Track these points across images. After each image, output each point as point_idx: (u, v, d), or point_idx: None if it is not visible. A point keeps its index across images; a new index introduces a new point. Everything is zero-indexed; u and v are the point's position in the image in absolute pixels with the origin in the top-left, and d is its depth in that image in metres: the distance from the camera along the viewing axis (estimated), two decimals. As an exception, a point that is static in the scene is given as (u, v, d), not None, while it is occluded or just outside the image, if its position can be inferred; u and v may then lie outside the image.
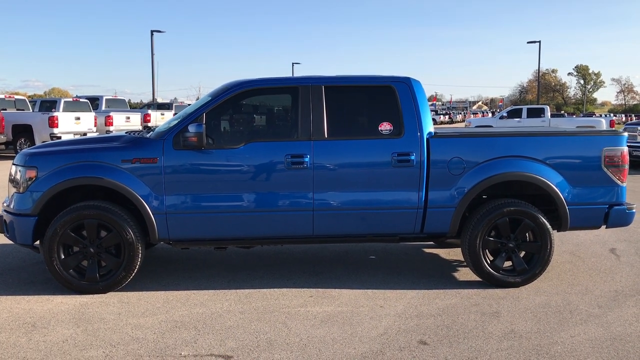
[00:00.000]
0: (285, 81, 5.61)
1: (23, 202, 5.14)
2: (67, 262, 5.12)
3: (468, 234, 5.30)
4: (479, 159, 5.26)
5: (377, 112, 5.38)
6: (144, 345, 4.07)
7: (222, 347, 4.02)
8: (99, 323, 4.48)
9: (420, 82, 5.49)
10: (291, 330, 4.33)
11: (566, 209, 5.29)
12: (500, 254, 5.35)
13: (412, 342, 4.11)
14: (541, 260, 5.31)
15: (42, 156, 5.25)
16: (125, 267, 5.13)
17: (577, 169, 5.35)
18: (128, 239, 5.08)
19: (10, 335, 4.25)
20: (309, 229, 5.26)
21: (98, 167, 5.09)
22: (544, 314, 4.67)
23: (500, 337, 4.20)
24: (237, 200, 5.18)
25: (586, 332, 4.29)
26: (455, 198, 5.25)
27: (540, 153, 5.29)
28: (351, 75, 5.65)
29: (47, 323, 4.48)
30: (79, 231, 5.13)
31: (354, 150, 5.24)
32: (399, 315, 4.64)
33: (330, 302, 4.96)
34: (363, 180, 5.23)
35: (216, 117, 5.31)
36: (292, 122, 5.40)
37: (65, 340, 4.14)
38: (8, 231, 5.29)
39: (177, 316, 4.64)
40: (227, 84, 5.49)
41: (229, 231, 5.24)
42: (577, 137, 5.51)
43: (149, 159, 5.11)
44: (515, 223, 5.31)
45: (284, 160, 5.15)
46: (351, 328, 4.37)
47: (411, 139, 5.24)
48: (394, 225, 5.32)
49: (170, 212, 5.12)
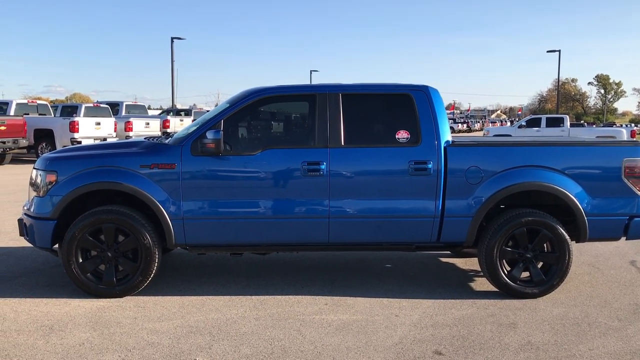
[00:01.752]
0: (303, 89, 5.63)
1: (43, 205, 5.21)
2: (85, 266, 5.17)
3: (485, 243, 5.25)
4: (497, 168, 5.22)
5: (395, 120, 5.37)
6: (159, 350, 4.09)
7: (237, 354, 4.03)
8: (115, 327, 4.52)
9: (438, 90, 5.47)
10: (305, 338, 4.32)
11: (585, 220, 5.23)
12: (517, 264, 5.29)
13: (428, 352, 4.08)
14: (559, 272, 5.24)
15: (62, 161, 5.32)
16: (142, 272, 5.17)
17: (596, 180, 5.29)
18: (145, 243, 5.12)
19: (28, 337, 4.30)
20: (324, 236, 5.25)
21: (117, 172, 5.14)
22: (562, 326, 4.61)
23: (517, 348, 4.15)
24: (254, 206, 5.19)
25: (605, 346, 4.22)
26: (473, 207, 5.22)
27: (559, 163, 5.24)
28: (369, 83, 5.65)
29: (65, 326, 4.53)
30: (97, 235, 5.18)
31: (370, 158, 5.23)
32: (415, 325, 4.61)
33: (346, 310, 4.95)
34: (379, 188, 5.21)
35: (234, 123, 5.34)
36: (309, 129, 5.41)
37: (81, 344, 4.18)
38: (28, 234, 5.36)
39: (193, 321, 4.65)
40: (245, 91, 5.52)
41: (245, 237, 5.26)
42: (596, 148, 5.45)
43: (167, 164, 5.15)
44: (533, 233, 5.25)
45: (301, 167, 5.16)
46: (366, 337, 4.36)
47: (428, 148, 5.22)
48: (410, 234, 5.29)
49: (187, 217, 5.16)
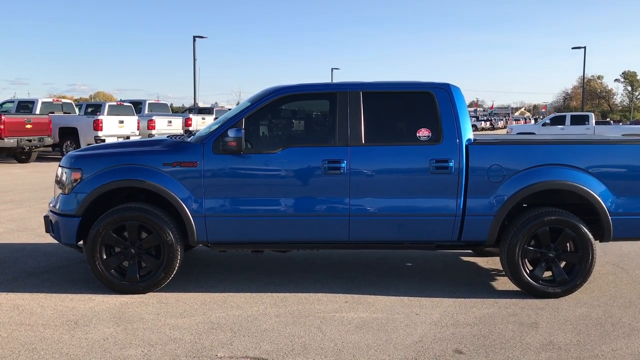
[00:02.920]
0: (324, 87, 5.63)
1: (68, 203, 5.30)
2: (109, 262, 5.25)
3: (507, 242, 5.21)
4: (519, 166, 5.18)
5: (416, 118, 5.35)
6: (182, 345, 4.14)
7: (258, 350, 4.07)
8: (139, 323, 4.59)
9: (459, 88, 5.44)
10: (326, 335, 4.34)
11: (609, 219, 5.16)
12: (539, 263, 5.24)
13: (448, 351, 4.07)
14: (582, 271, 5.18)
15: (87, 159, 5.41)
16: (165, 268, 5.23)
17: (621, 178, 5.21)
18: (168, 240, 5.18)
19: (54, 331, 4.39)
20: (344, 234, 5.26)
21: (140, 170, 5.21)
22: (585, 326, 4.56)
23: (539, 348, 4.12)
24: (274, 204, 5.22)
25: (629, 347, 4.17)
26: (494, 206, 5.18)
27: (582, 161, 5.18)
28: (389, 81, 5.63)
29: (89, 321, 4.61)
30: (121, 232, 5.26)
31: (391, 156, 5.22)
32: (435, 324, 4.60)
33: (366, 308, 4.96)
34: (400, 187, 5.20)
35: (255, 122, 5.38)
36: (329, 127, 5.42)
37: (105, 339, 4.25)
38: (53, 231, 5.46)
39: (214, 318, 4.70)
40: (266, 89, 5.55)
41: (266, 235, 5.29)
42: (621, 146, 5.37)
43: (190, 162, 5.21)
44: (556, 232, 5.20)
45: (321, 165, 5.17)
46: (386, 335, 4.36)
47: (450, 146, 5.19)
48: (431, 233, 5.27)
49: (209, 215, 5.20)
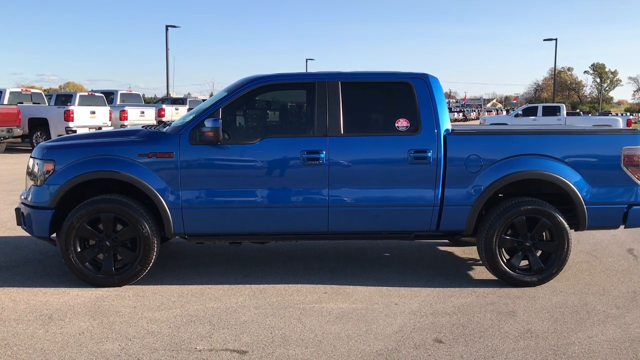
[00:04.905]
0: (302, 77, 5.57)
1: (40, 194, 5.17)
2: (84, 255, 5.15)
3: (484, 232, 5.25)
4: (497, 156, 5.21)
5: (394, 108, 5.35)
6: (160, 339, 4.08)
7: (237, 342, 4.03)
8: (115, 316, 4.51)
9: (437, 78, 5.45)
10: (306, 326, 4.32)
11: (584, 208, 5.23)
12: (516, 252, 5.30)
13: (428, 340, 4.09)
14: (558, 260, 5.26)
15: (60, 149, 5.28)
16: (141, 261, 5.15)
17: (595, 168, 5.28)
18: (144, 232, 5.10)
19: (27, 326, 4.29)
20: (323, 225, 5.24)
21: (115, 161, 5.11)
22: (561, 314, 4.63)
23: (517, 336, 4.17)
24: (253, 195, 5.18)
25: (604, 333, 4.24)
26: (472, 196, 5.21)
27: (558, 151, 5.24)
28: (368, 71, 5.61)
29: (64, 315, 4.52)
30: (96, 224, 5.16)
31: (370, 147, 5.21)
32: (414, 313, 4.61)
33: (345, 298, 4.95)
34: (379, 177, 5.20)
35: (232, 112, 5.31)
36: (308, 117, 5.38)
37: (81, 333, 4.17)
38: (25, 224, 5.33)
39: (192, 310, 4.65)
40: (244, 79, 5.48)
41: (244, 226, 5.24)
42: (596, 136, 5.44)
43: (166, 153, 5.12)
44: (533, 222, 5.25)
45: (300, 156, 5.14)
46: (366, 325, 4.36)
47: (428, 136, 5.20)
48: (409, 223, 5.29)
49: (186, 206, 5.13)
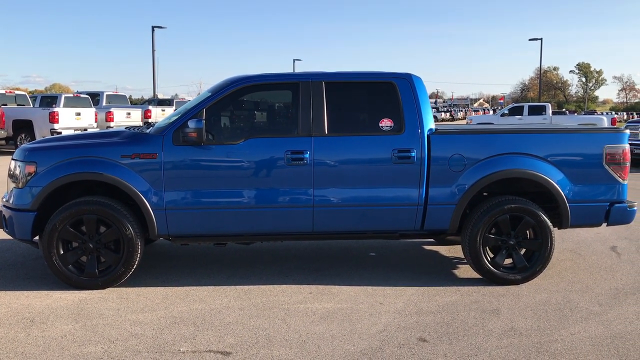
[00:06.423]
0: (286, 77, 5.57)
1: (22, 197, 5.12)
2: (66, 258, 5.11)
3: (468, 231, 5.28)
4: (480, 156, 5.24)
5: (378, 108, 5.36)
6: (143, 341, 4.06)
7: (221, 344, 4.01)
8: (98, 319, 4.47)
9: (421, 78, 5.46)
10: (290, 327, 4.32)
11: (567, 207, 5.27)
12: (500, 251, 5.33)
13: (412, 339, 4.10)
14: (542, 258, 5.29)
15: (42, 151, 5.23)
16: (125, 263, 5.11)
17: (578, 167, 5.33)
18: (127, 234, 5.07)
19: (9, 330, 4.24)
20: (308, 225, 5.24)
21: (98, 163, 5.07)
22: (544, 311, 4.66)
23: (500, 334, 4.19)
24: (237, 196, 5.16)
25: (586, 330, 4.28)
26: (456, 195, 5.24)
27: (541, 150, 5.27)
28: (352, 71, 5.63)
29: (46, 318, 4.47)
30: (78, 227, 5.11)
31: (354, 147, 5.22)
32: (399, 312, 4.62)
33: (330, 298, 4.95)
34: (363, 177, 5.21)
35: (216, 112, 5.29)
36: (292, 118, 5.38)
37: (64, 336, 4.13)
38: (7, 226, 5.27)
39: (176, 312, 4.62)
40: (228, 79, 5.47)
41: (229, 227, 5.22)
42: (578, 135, 5.49)
43: (149, 154, 5.09)
44: (516, 220, 5.29)
45: (284, 156, 5.13)
46: (350, 325, 4.36)
47: (412, 136, 5.22)
48: (394, 222, 5.30)
49: (170, 207, 5.11)
